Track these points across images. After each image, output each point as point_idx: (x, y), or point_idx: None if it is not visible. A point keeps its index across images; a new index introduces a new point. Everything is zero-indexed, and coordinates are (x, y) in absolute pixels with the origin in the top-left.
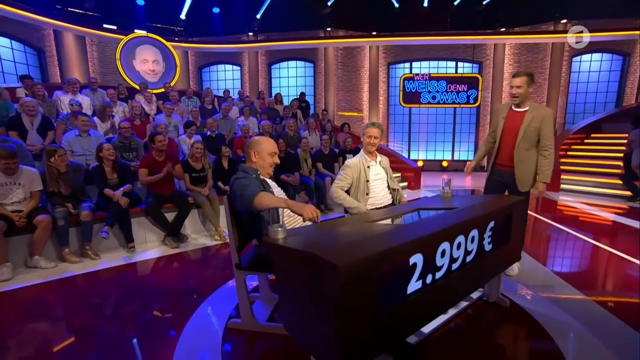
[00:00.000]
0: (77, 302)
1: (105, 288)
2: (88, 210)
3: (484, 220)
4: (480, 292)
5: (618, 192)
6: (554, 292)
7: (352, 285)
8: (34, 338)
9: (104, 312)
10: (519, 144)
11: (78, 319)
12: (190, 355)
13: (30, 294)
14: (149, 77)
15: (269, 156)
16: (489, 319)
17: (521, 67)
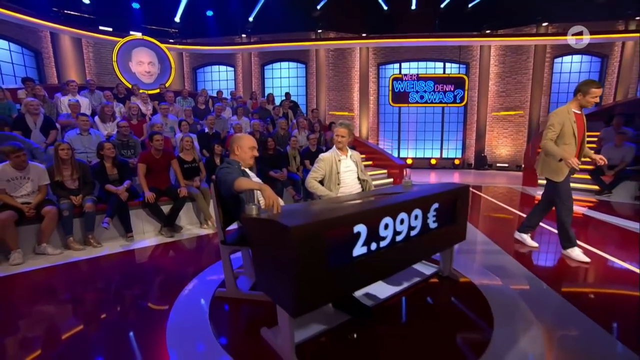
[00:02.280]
0: (80, 283)
1: (106, 271)
2: (91, 202)
3: (427, 202)
4: (436, 267)
5: (588, 186)
6: (506, 271)
7: (302, 244)
8: (41, 315)
9: (105, 290)
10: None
11: (81, 297)
12: (181, 318)
13: (39, 277)
14: (144, 78)
15: (249, 150)
16: (438, 289)
17: (506, 68)
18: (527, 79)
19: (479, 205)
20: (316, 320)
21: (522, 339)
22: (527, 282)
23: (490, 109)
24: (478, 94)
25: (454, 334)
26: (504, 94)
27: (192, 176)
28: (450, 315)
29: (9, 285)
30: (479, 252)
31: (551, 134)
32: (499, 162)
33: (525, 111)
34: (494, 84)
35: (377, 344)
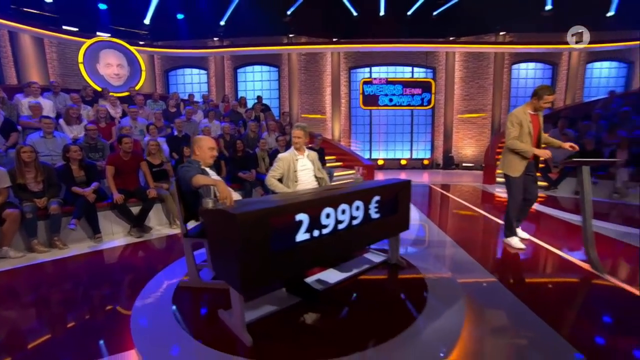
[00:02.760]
0: (44, 284)
1: (71, 271)
2: (56, 205)
3: (368, 194)
4: (385, 256)
5: (539, 183)
6: (452, 259)
7: (247, 230)
8: (2, 317)
9: (70, 287)
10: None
11: (44, 296)
12: (146, 307)
13: (2, 280)
14: (113, 80)
15: (208, 150)
16: (384, 274)
17: (469, 73)
18: (489, 83)
19: (442, 203)
20: (269, 302)
21: (448, 314)
22: (470, 268)
23: (456, 111)
24: (444, 97)
25: (390, 311)
26: (468, 98)
27: (161, 179)
28: (389, 296)
29: None
30: (432, 244)
31: (514, 133)
32: (465, 162)
33: (488, 114)
34: (459, 88)
35: (321, 321)
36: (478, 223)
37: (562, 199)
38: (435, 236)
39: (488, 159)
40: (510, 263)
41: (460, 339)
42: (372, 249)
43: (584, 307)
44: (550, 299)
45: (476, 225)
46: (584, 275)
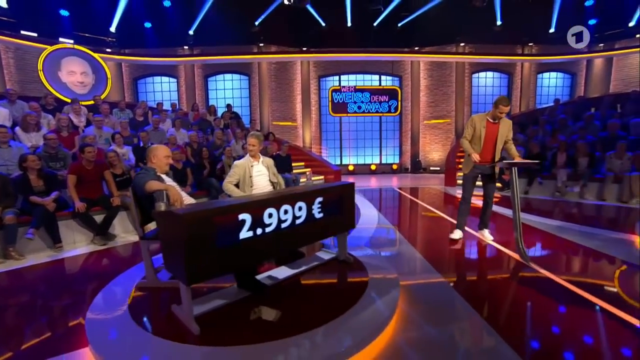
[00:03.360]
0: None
1: (27, 280)
2: (12, 215)
3: (310, 196)
4: (334, 254)
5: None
6: (397, 252)
7: (192, 228)
8: None
9: (24, 295)
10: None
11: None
12: (103, 307)
13: None
14: (77, 89)
15: (164, 158)
16: (330, 269)
17: (434, 81)
18: (452, 91)
19: (402, 204)
20: (220, 297)
21: (383, 300)
22: (414, 264)
23: (422, 117)
24: (411, 104)
25: (328, 302)
26: (433, 104)
27: (125, 187)
28: (330, 289)
29: None
30: (383, 242)
31: (466, 134)
32: (432, 166)
33: (452, 119)
34: (424, 95)
35: (265, 311)
36: (432, 222)
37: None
38: (388, 235)
39: (449, 162)
40: (452, 258)
41: (389, 326)
42: (323, 248)
43: (508, 293)
44: (481, 288)
45: (430, 224)
46: (514, 265)
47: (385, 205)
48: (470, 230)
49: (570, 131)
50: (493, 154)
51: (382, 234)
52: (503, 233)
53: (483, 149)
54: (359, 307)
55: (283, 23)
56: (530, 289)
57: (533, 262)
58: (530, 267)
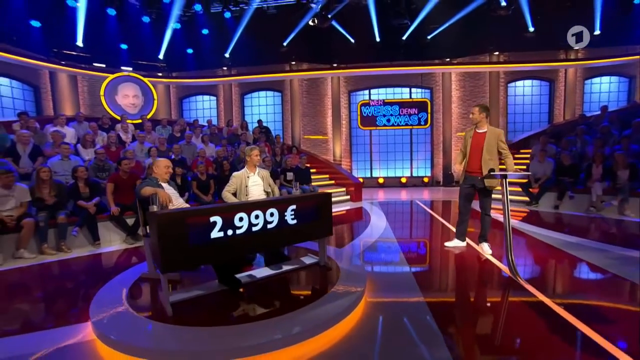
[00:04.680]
0: (47, 278)
1: (71, 268)
2: (63, 215)
3: (283, 204)
4: (316, 259)
5: (521, 198)
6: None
7: (166, 227)
8: (17, 299)
9: (65, 281)
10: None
11: (44, 287)
12: (108, 291)
13: (14, 275)
14: (129, 109)
15: (164, 168)
16: (309, 273)
17: (466, 92)
18: (485, 101)
19: (416, 218)
20: (200, 289)
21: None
22: (397, 277)
23: (455, 129)
24: (442, 116)
25: (295, 298)
26: (465, 116)
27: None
28: (300, 287)
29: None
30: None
31: (462, 145)
32: None
33: None
34: (457, 106)
35: (236, 302)
36: (436, 236)
37: (543, 213)
38: (385, 248)
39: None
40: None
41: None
42: (309, 254)
43: (484, 314)
44: (454, 307)
45: (433, 238)
46: (502, 282)
47: (397, 219)
48: (471, 242)
49: (614, 140)
50: (480, 164)
51: (379, 246)
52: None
53: (470, 159)
54: (315, 306)
55: (313, 41)
56: (514, 310)
57: (529, 282)
58: (521, 286)
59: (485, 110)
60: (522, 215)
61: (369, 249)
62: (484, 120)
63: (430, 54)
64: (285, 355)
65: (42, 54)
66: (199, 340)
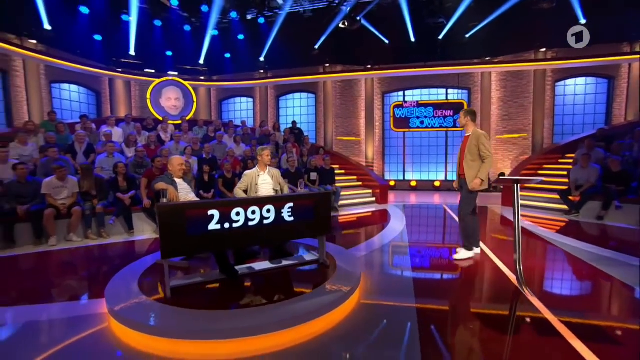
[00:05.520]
0: (88, 259)
1: (107, 252)
2: (102, 206)
3: (280, 201)
4: (316, 255)
5: (559, 206)
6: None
7: (166, 218)
8: (62, 272)
9: (100, 261)
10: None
11: (86, 266)
12: (124, 274)
13: (66, 254)
14: (171, 111)
15: (178, 166)
16: (306, 269)
17: (507, 93)
18: (529, 102)
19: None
20: (201, 276)
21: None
22: (394, 282)
23: (494, 132)
24: (481, 117)
25: (286, 290)
26: (507, 118)
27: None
28: (293, 280)
29: (46, 258)
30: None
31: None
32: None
33: (529, 134)
34: (497, 107)
35: (231, 289)
36: (450, 243)
37: (583, 224)
38: (393, 251)
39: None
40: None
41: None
42: (312, 251)
43: (474, 326)
44: (446, 310)
45: (447, 244)
46: (507, 293)
47: (417, 223)
48: (486, 250)
49: None
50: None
51: (388, 249)
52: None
53: (458, 162)
54: (299, 300)
55: (347, 43)
56: (507, 325)
57: (539, 297)
58: (526, 299)
59: (469, 114)
60: (558, 225)
61: (376, 251)
62: (469, 123)
63: (468, 53)
64: (260, 342)
65: (103, 63)
66: (187, 319)
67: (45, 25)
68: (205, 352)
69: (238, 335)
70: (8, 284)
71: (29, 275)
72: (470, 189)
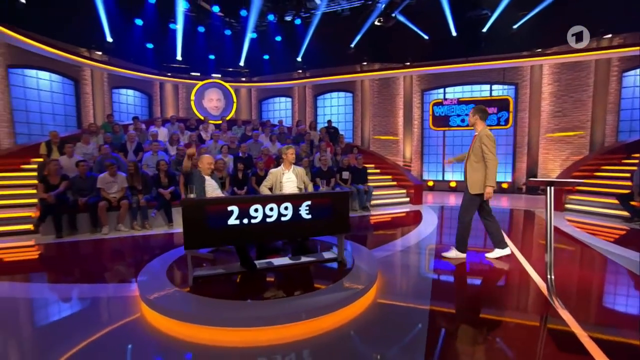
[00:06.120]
0: (133, 247)
1: (149, 242)
2: (145, 200)
3: (298, 199)
4: (335, 253)
5: (618, 212)
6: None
7: (189, 212)
8: (113, 260)
9: (142, 250)
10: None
11: (130, 253)
12: (156, 262)
13: (115, 242)
14: (213, 111)
15: (207, 164)
16: (323, 266)
17: (561, 87)
18: (588, 96)
19: None
20: (223, 268)
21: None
22: (411, 284)
23: (545, 130)
24: (529, 114)
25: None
26: (559, 114)
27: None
28: (312, 277)
29: (99, 245)
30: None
31: None
32: None
33: (587, 131)
34: (548, 103)
35: (250, 282)
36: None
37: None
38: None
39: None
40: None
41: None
42: (332, 249)
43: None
44: (457, 320)
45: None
46: (530, 299)
47: (449, 225)
48: (520, 256)
49: None
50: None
51: (414, 251)
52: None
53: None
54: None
55: (385, 41)
56: (527, 336)
57: (571, 309)
58: (554, 311)
59: (478, 112)
60: (615, 234)
61: (400, 252)
62: (478, 122)
63: (516, 45)
64: (273, 332)
65: (154, 69)
66: (202, 306)
67: (107, 37)
68: (218, 339)
69: (252, 324)
70: (72, 265)
71: (87, 259)
72: (485, 198)
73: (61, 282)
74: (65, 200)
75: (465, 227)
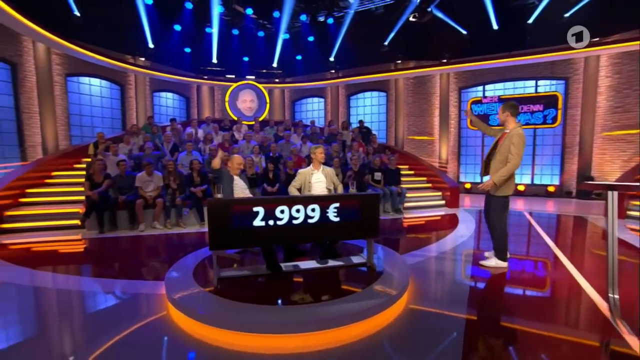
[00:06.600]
0: (166, 244)
1: (182, 239)
2: (180, 199)
3: (325, 201)
4: (364, 257)
5: None
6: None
7: (214, 212)
8: (149, 257)
9: (174, 247)
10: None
11: (164, 249)
12: (184, 261)
13: (150, 239)
14: (246, 112)
15: (236, 165)
16: (351, 271)
17: (622, 80)
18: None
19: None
20: (249, 270)
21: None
22: (444, 292)
23: (600, 128)
24: (581, 111)
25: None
26: (618, 110)
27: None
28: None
29: (136, 241)
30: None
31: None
32: None
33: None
34: (604, 98)
35: (276, 285)
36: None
37: None
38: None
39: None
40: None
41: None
42: (361, 254)
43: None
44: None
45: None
46: (591, 321)
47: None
48: (572, 269)
49: None
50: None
51: (449, 256)
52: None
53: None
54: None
55: (420, 38)
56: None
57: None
58: (617, 333)
59: (509, 109)
60: None
61: (435, 257)
62: (509, 119)
63: (568, 35)
64: (296, 340)
65: (192, 72)
66: (226, 309)
67: (149, 44)
68: (240, 343)
69: (278, 331)
70: (109, 260)
71: (123, 254)
72: (481, 187)
73: (99, 276)
74: (107, 198)
75: (502, 234)
